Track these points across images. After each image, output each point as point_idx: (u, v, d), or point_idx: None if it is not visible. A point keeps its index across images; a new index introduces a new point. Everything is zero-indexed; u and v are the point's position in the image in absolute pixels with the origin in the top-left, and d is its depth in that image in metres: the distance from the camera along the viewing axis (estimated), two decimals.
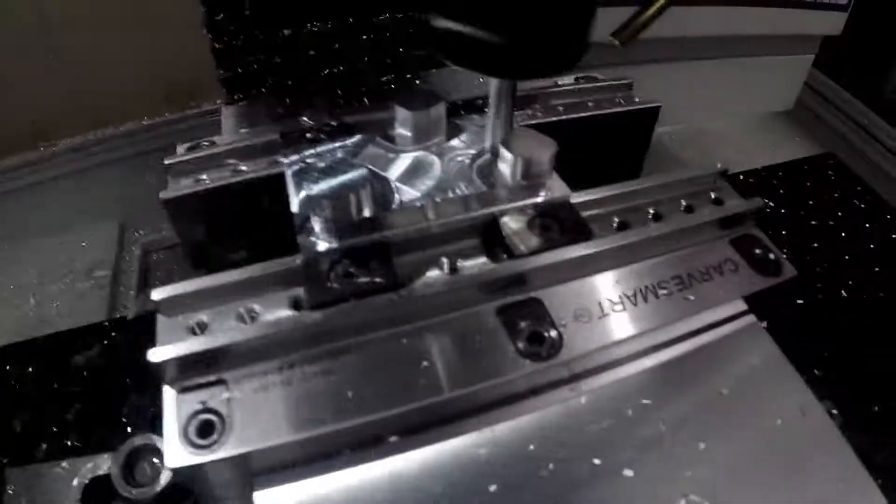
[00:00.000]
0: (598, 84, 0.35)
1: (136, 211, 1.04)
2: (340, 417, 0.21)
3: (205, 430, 0.21)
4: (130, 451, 0.31)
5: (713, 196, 0.28)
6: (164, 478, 0.30)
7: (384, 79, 0.51)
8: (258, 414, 0.21)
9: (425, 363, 0.22)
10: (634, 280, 0.25)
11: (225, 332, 0.22)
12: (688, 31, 0.80)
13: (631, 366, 0.24)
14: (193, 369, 0.22)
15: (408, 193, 0.25)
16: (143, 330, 0.43)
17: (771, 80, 0.96)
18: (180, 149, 0.32)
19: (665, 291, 0.25)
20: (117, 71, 0.92)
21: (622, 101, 0.35)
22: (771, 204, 0.28)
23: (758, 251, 0.27)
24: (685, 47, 0.84)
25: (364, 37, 0.52)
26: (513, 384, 0.22)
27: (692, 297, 0.25)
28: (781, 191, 0.59)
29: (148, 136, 0.96)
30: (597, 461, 0.21)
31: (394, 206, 0.25)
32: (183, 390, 0.22)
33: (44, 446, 0.38)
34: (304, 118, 0.32)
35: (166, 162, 0.30)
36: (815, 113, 1.02)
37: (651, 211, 0.27)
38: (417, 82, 0.47)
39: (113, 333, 0.44)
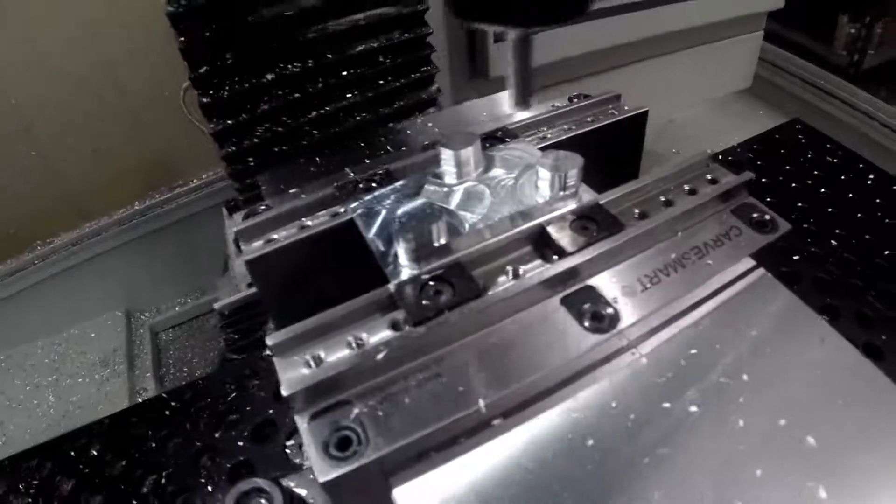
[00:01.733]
0: (590, 101, 0.42)
1: (138, 294, 1.11)
2: (456, 409, 0.26)
3: (343, 444, 0.26)
4: (239, 496, 0.36)
5: (709, 177, 0.35)
6: None
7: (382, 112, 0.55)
8: (386, 421, 0.26)
9: (513, 354, 0.28)
10: (662, 257, 0.31)
11: (339, 359, 0.28)
12: (641, 34, 0.89)
13: (675, 326, 0.30)
14: (320, 396, 0.27)
15: (469, 218, 0.31)
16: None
17: (726, 61, 1.06)
18: (237, 217, 0.37)
19: (689, 261, 0.31)
20: (98, 164, 0.98)
21: (615, 112, 0.42)
22: (753, 176, 0.35)
23: (755, 215, 0.33)
24: (641, 48, 0.92)
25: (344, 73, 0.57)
26: (585, 357, 0.28)
27: (710, 262, 0.31)
28: (759, 162, 0.66)
29: (141, 220, 1.02)
30: (667, 405, 0.27)
31: (460, 231, 0.31)
32: (313, 416, 0.27)
33: None
34: (348, 170, 0.38)
35: (234, 230, 0.35)
36: (774, 84, 1.11)
37: (662, 199, 0.34)
38: (419, 119, 0.54)
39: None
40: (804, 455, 0.27)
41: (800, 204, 0.61)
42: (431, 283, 0.29)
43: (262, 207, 0.38)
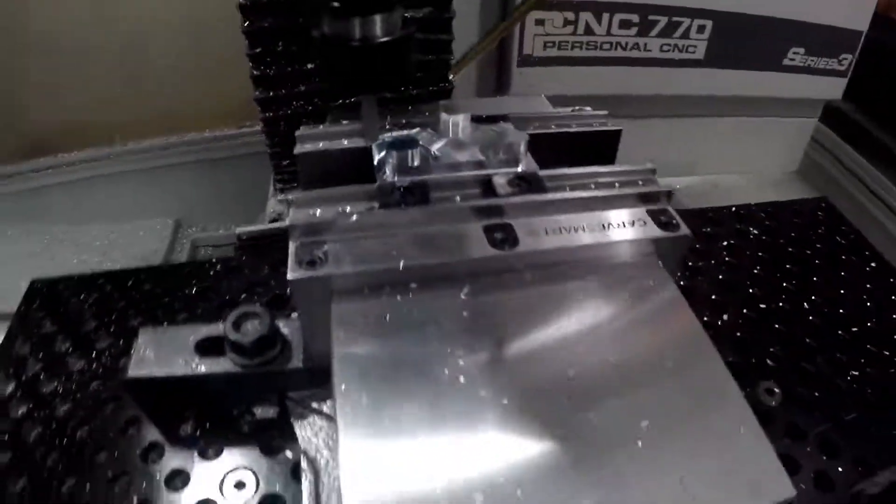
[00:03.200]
0: (584, 113, 0.61)
1: (190, 211, 1.35)
2: (386, 262, 0.44)
3: (311, 263, 0.44)
4: (240, 314, 0.56)
5: (640, 181, 0.51)
6: (262, 328, 0.55)
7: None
8: (343, 257, 0.44)
9: (437, 244, 0.46)
10: (572, 222, 0.47)
11: (331, 214, 0.48)
12: (696, 90, 1.06)
13: (562, 269, 0.47)
14: (308, 234, 0.46)
15: (442, 159, 0.51)
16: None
17: (777, 140, 1.20)
18: (303, 128, 0.58)
19: (591, 230, 0.47)
20: (188, 87, 1.23)
21: (595, 125, 0.60)
22: (676, 187, 0.51)
23: (663, 218, 0.48)
24: (694, 104, 1.09)
25: None
26: (484, 262, 0.46)
27: (608, 234, 0.47)
28: (767, 222, 0.81)
29: (207, 146, 1.26)
30: (533, 315, 0.45)
31: (431, 163, 0.51)
32: (300, 245, 0.46)
33: None
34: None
35: (298, 133, 0.56)
36: (823, 170, 1.25)
37: (593, 185, 0.51)
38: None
39: None
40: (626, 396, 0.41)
41: (788, 266, 0.76)
42: (401, 189, 0.48)
43: (321, 127, 0.59)
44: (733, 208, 0.87)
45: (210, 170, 1.28)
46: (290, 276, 0.44)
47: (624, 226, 0.49)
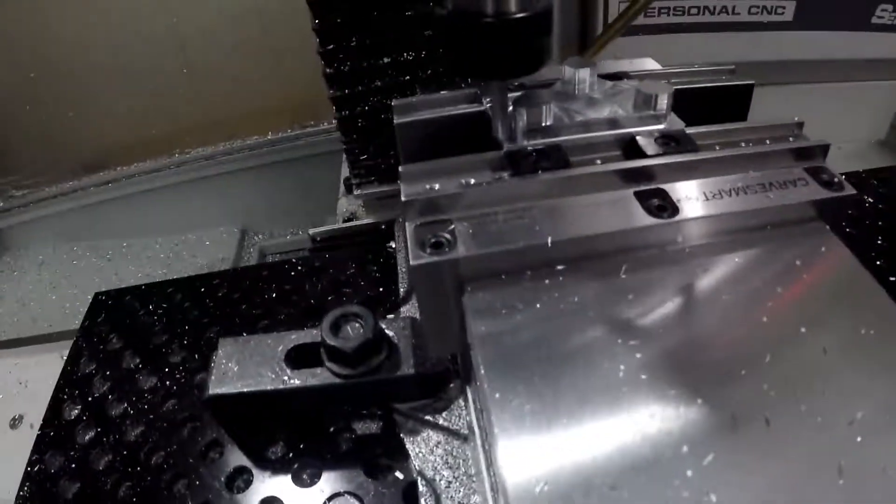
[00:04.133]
0: (706, 68, 0.52)
1: (255, 217, 1.29)
2: (528, 239, 0.36)
3: (436, 245, 0.36)
4: (338, 315, 0.48)
5: (790, 139, 0.43)
6: (367, 331, 0.46)
7: None
8: (476, 236, 0.37)
9: (584, 217, 0.37)
10: (730, 183, 0.40)
11: (454, 188, 0.39)
12: (783, 55, 0.96)
13: (727, 236, 0.39)
14: (427, 213, 0.38)
15: (576, 117, 0.42)
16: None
17: (863, 107, 1.10)
18: (397, 100, 0.49)
19: (753, 192, 0.40)
20: (247, 89, 1.16)
21: (725, 79, 0.51)
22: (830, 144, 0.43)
23: (824, 176, 0.41)
24: (779, 71, 0.99)
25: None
26: (641, 235, 0.37)
27: (772, 196, 0.39)
28: (881, 189, 0.72)
29: (271, 149, 1.20)
30: (696, 294, 0.36)
31: (565, 122, 0.41)
32: (419, 226, 0.38)
33: None
34: None
35: (395, 104, 0.48)
36: None
37: (743, 142, 0.43)
38: None
39: None
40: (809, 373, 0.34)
41: None
42: (534, 153, 0.39)
43: (415, 97, 0.51)
44: (843, 174, 0.76)
45: (273, 173, 1.21)
46: (412, 261, 0.36)
47: (786, 186, 0.41)
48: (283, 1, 1.06)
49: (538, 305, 0.35)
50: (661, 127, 0.42)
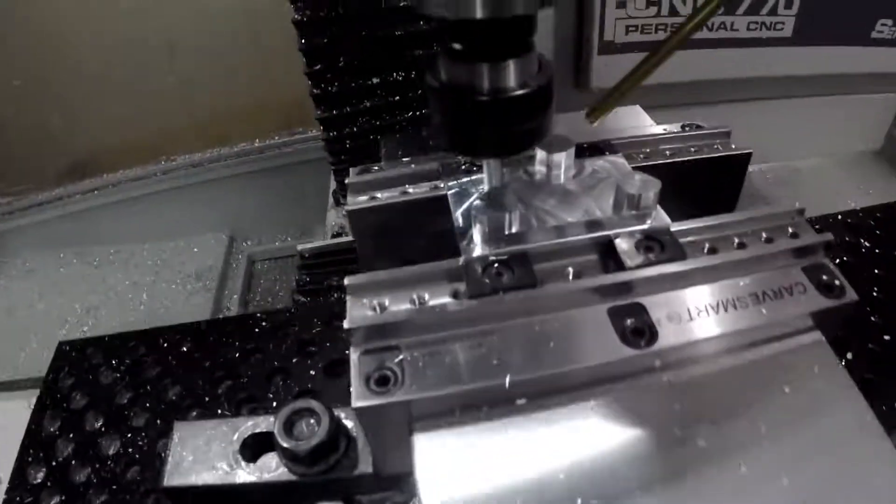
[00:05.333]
0: (699, 132, 0.45)
1: (244, 224, 1.23)
2: (485, 378, 0.31)
3: (382, 381, 0.32)
4: (292, 412, 0.43)
5: (790, 230, 0.37)
6: (321, 433, 0.41)
7: None
8: (422, 373, 0.32)
9: (549, 346, 0.32)
10: (718, 294, 0.34)
11: (402, 310, 0.33)
12: (782, 71, 0.89)
13: (711, 362, 0.33)
14: (374, 337, 0.33)
15: (542, 218, 0.36)
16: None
17: (858, 118, 1.04)
18: (353, 171, 0.44)
19: (743, 304, 0.34)
20: (233, 96, 1.10)
21: (719, 147, 0.44)
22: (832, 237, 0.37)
23: (825, 277, 0.35)
24: (771, 86, 0.93)
25: None
26: (614, 366, 0.32)
27: (765, 311, 0.34)
28: (878, 231, 0.65)
29: (260, 156, 1.13)
30: (678, 432, 0.31)
31: (534, 226, 0.35)
32: (364, 353, 0.33)
33: None
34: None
35: (347, 181, 0.42)
36: None
37: (736, 240, 0.36)
38: None
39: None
40: None
41: None
42: (496, 264, 0.34)
43: (375, 168, 0.45)
44: (839, 216, 0.69)
45: (262, 180, 1.15)
46: (354, 401, 0.30)
47: (781, 294, 0.35)
48: (273, 3, 0.99)
49: (493, 449, 0.30)
50: (644, 227, 0.36)
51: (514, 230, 0.35)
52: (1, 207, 1.10)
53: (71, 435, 0.55)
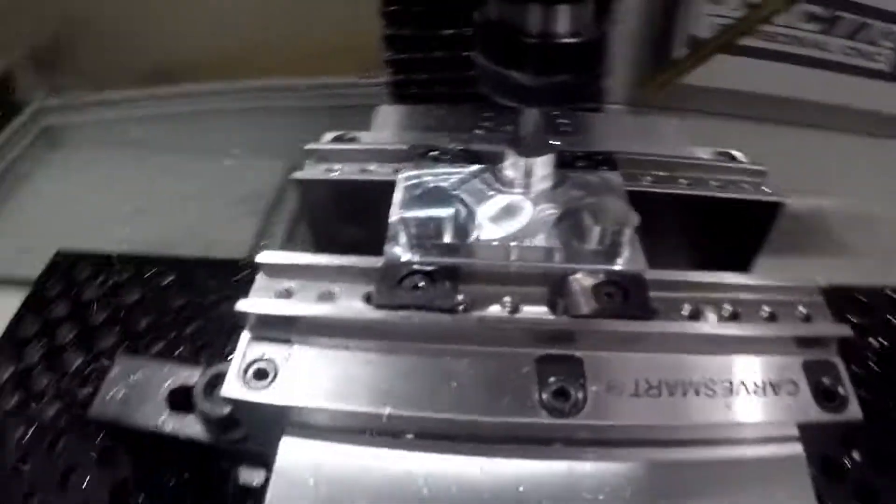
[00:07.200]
0: (730, 164, 0.38)
1: (301, 158, 1.21)
2: (365, 403, 0.27)
3: (259, 374, 0.28)
4: (218, 374, 0.41)
5: (803, 311, 0.30)
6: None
7: None
8: (304, 377, 0.28)
9: (454, 383, 0.27)
10: (681, 372, 0.27)
11: (304, 303, 0.30)
12: (873, 105, 0.79)
13: (646, 452, 0.27)
14: (267, 327, 0.29)
15: (489, 232, 0.31)
16: None
17: None
18: (326, 137, 0.40)
19: (709, 392, 0.28)
20: (318, 28, 1.08)
21: (748, 188, 0.37)
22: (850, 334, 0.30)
23: (827, 380, 0.28)
24: (863, 120, 0.82)
25: None
26: (526, 428, 0.27)
27: (734, 407, 0.27)
28: None
29: (331, 92, 1.11)
30: None
31: (471, 240, 0.30)
32: (255, 339, 0.29)
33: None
34: (440, 136, 0.38)
35: (307, 147, 0.38)
36: None
37: (729, 308, 0.30)
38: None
39: None
40: None
41: None
42: (416, 275, 0.29)
43: (349, 138, 0.41)
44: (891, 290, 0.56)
45: (329, 118, 1.13)
46: (224, 390, 0.27)
47: (764, 391, 0.28)
48: None
49: (358, 475, 0.26)
50: (610, 268, 0.30)
51: (449, 239, 0.30)
52: (74, 99, 1.14)
53: (41, 343, 0.56)
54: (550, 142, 0.33)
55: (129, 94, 1.13)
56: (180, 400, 0.43)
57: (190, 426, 0.42)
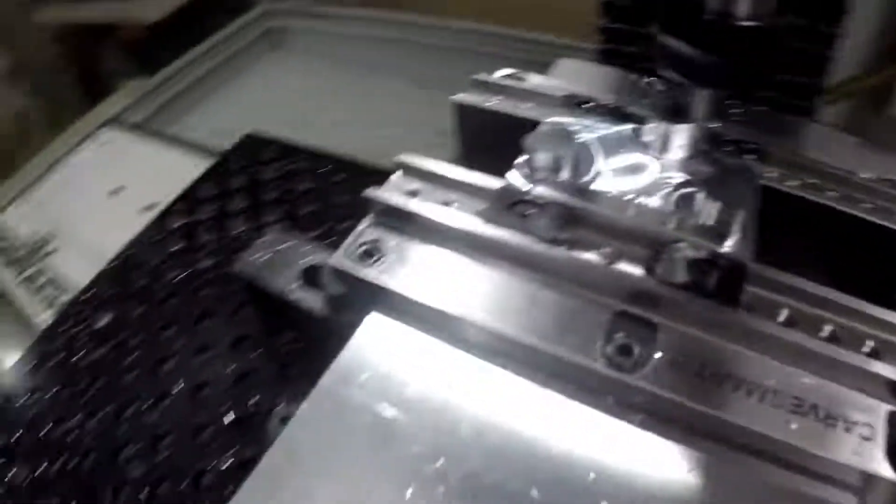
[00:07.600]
0: (893, 191, 0.35)
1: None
2: (447, 304, 0.30)
3: (367, 254, 0.32)
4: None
5: None
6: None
7: None
8: (402, 267, 0.31)
9: (533, 310, 0.29)
10: (752, 372, 0.27)
11: (424, 203, 0.33)
12: None
13: (686, 436, 0.27)
14: (389, 216, 0.33)
15: (609, 183, 0.32)
16: None
17: None
18: (499, 73, 0.43)
19: (775, 402, 0.27)
20: None
21: None
22: None
23: None
24: None
25: None
26: (581, 371, 0.28)
27: (796, 427, 0.26)
28: None
29: (531, 48, 1.13)
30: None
31: (588, 185, 0.32)
32: (373, 224, 0.33)
33: None
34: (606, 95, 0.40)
35: (475, 77, 0.41)
36: None
37: (828, 328, 0.28)
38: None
39: None
40: None
41: None
42: (528, 203, 0.31)
43: (520, 77, 0.43)
44: None
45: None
46: (332, 259, 0.32)
47: (834, 423, 0.26)
48: None
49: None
50: (716, 248, 0.30)
51: (567, 178, 0.31)
52: (298, 9, 1.25)
53: (213, 206, 0.65)
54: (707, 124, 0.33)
55: (354, 11, 1.21)
56: (313, 277, 0.48)
57: (312, 300, 0.47)
